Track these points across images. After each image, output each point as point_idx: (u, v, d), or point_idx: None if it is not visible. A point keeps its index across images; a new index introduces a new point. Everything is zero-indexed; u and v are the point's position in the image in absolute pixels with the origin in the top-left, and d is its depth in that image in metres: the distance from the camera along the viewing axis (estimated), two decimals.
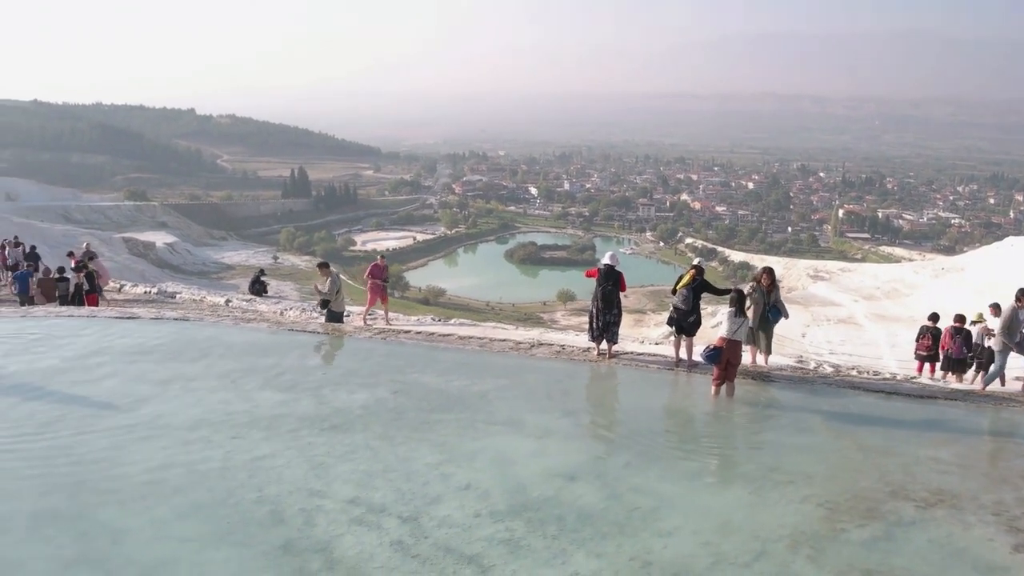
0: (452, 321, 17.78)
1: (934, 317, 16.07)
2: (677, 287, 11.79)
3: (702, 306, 12.02)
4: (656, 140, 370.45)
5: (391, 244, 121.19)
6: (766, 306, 12.12)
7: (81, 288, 19.38)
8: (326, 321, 15.54)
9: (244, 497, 7.17)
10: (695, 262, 12.11)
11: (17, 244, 27.13)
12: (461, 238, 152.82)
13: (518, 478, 7.63)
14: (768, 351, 12.49)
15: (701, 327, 11.95)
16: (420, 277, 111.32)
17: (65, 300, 19.64)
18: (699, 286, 11.61)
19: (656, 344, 14.77)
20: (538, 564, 6.03)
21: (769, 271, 12.51)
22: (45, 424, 9.09)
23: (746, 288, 11.92)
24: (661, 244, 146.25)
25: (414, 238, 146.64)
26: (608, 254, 12.60)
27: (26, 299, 21.01)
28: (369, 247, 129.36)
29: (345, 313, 17.04)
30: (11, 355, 12.32)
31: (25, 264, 23.14)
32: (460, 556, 6.12)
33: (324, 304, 15.75)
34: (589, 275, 12.52)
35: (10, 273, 24.59)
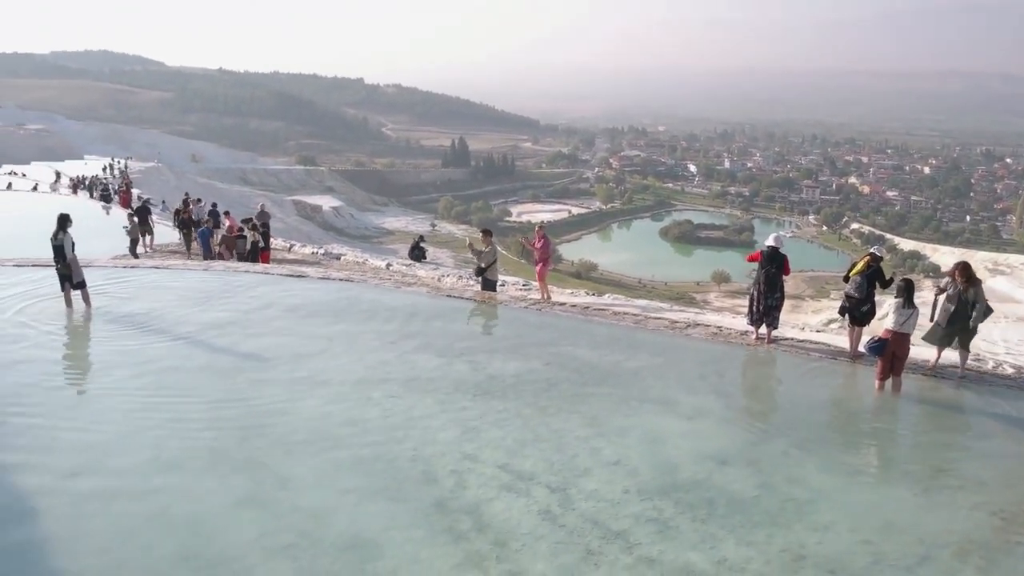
0: (606, 296, 17.66)
1: None
2: (850, 274, 11.23)
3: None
4: (824, 119, 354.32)
5: (546, 216, 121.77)
6: (960, 303, 11.07)
7: (257, 245, 20.57)
8: (481, 289, 15.80)
9: (400, 455, 7.45)
10: (871, 249, 11.48)
11: (198, 201, 29.09)
12: (616, 213, 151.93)
13: (668, 458, 7.56)
14: (966, 347, 11.30)
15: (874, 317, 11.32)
16: (573, 251, 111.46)
17: (242, 256, 20.85)
18: (872, 274, 11.02)
19: (817, 331, 14.15)
20: (685, 547, 5.95)
21: (964, 266, 11.30)
22: (222, 373, 9.75)
23: (941, 283, 11.07)
24: (824, 228, 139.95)
25: (569, 211, 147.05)
26: (772, 236, 12.17)
27: (209, 254, 22.45)
28: (524, 219, 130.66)
29: (499, 283, 17.26)
30: (194, 306, 13.26)
31: (206, 221, 24.72)
32: (607, 531, 6.13)
33: (479, 272, 16.00)
34: (751, 259, 12.17)
35: (195, 229, 26.38)
